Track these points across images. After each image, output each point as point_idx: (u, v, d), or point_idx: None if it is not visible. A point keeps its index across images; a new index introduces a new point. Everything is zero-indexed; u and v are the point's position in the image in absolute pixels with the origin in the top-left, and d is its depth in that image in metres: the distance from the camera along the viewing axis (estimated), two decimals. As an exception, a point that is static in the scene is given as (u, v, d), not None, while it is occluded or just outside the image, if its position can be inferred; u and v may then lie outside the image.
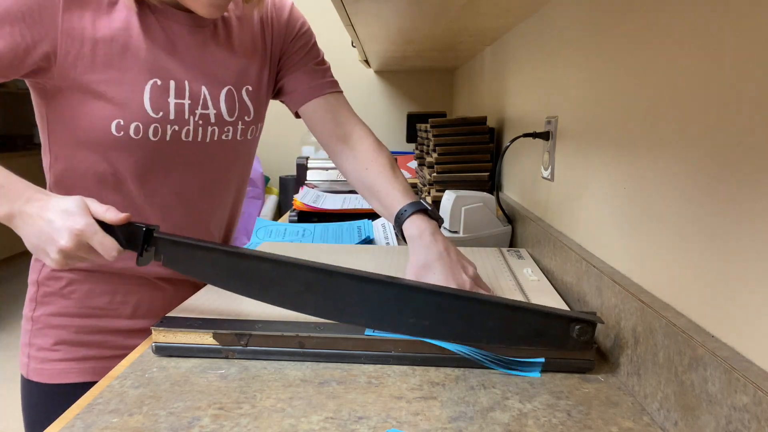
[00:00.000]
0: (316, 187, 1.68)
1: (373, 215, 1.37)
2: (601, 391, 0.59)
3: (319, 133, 0.90)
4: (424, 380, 0.61)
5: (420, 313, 0.62)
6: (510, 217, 1.24)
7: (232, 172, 0.88)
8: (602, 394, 0.59)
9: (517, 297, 0.78)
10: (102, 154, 0.76)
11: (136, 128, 0.74)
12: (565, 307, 0.75)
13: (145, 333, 0.84)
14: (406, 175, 2.25)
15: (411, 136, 2.42)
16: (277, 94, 0.93)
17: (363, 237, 1.20)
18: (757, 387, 0.40)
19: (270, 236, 1.24)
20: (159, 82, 0.75)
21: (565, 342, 0.61)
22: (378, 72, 2.75)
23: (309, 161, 1.88)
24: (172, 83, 0.76)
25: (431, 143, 1.43)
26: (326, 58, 0.97)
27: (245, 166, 0.91)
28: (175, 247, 0.67)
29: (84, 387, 0.71)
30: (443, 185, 1.38)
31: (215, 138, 0.81)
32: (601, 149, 0.77)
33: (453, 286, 0.70)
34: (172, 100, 0.76)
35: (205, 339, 0.66)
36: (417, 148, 1.86)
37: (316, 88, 0.90)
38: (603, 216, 0.76)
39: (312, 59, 0.91)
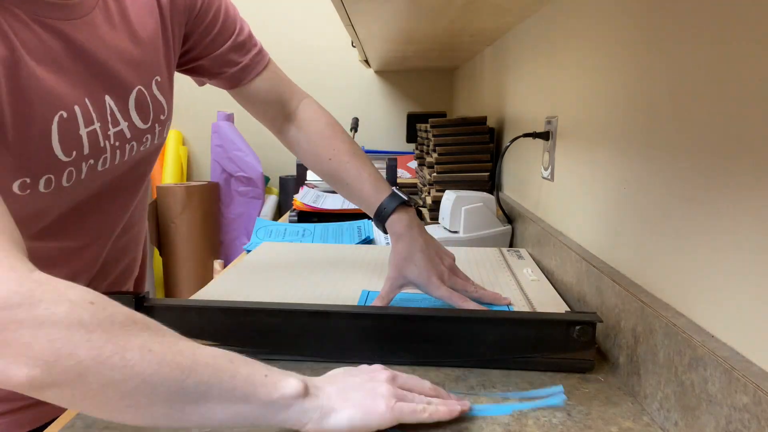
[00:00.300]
0: (316, 187, 1.68)
1: (373, 215, 1.37)
2: (601, 391, 0.59)
3: (260, 113, 0.81)
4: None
5: (420, 338, 0.63)
6: (510, 217, 1.24)
7: (145, 179, 0.75)
8: (602, 394, 0.59)
9: (517, 297, 0.78)
10: None
11: (47, 181, 0.56)
12: (565, 307, 0.75)
13: None
14: (406, 175, 2.25)
15: (411, 136, 2.42)
16: (192, 72, 0.78)
17: (363, 237, 1.20)
18: (757, 387, 0.40)
19: (270, 236, 1.23)
20: (65, 114, 0.56)
21: (566, 345, 0.62)
22: (378, 72, 2.75)
23: (309, 161, 1.87)
24: (76, 108, 0.57)
25: (431, 143, 1.43)
26: (326, 58, 0.95)
27: (151, 169, 0.76)
28: (168, 312, 0.66)
29: None
30: (443, 185, 1.38)
31: (133, 153, 0.66)
32: (601, 149, 0.77)
33: (433, 277, 0.71)
34: (83, 132, 0.58)
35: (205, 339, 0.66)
36: (417, 148, 1.86)
37: (246, 68, 0.77)
38: (603, 216, 0.76)
39: (230, 33, 0.75)
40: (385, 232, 0.76)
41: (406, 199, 0.75)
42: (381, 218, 0.75)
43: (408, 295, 0.78)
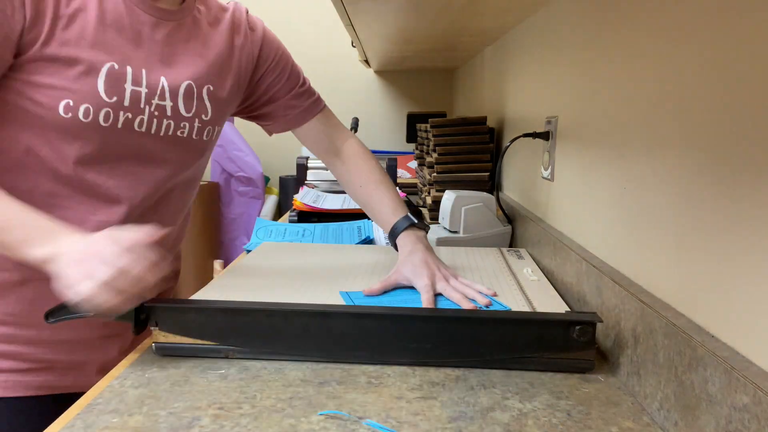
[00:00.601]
0: (316, 187, 1.68)
1: (373, 215, 1.37)
2: (601, 391, 0.59)
3: (313, 149, 0.98)
4: (424, 380, 0.61)
5: (420, 338, 0.63)
6: (510, 217, 1.24)
7: (182, 175, 0.82)
8: (602, 394, 0.59)
9: (517, 297, 0.78)
10: (44, 137, 0.69)
11: (86, 111, 0.68)
12: (565, 307, 0.75)
13: (66, 346, 0.77)
14: (406, 175, 2.25)
15: (411, 136, 2.42)
16: (260, 118, 0.94)
17: (363, 237, 1.20)
18: (757, 387, 0.40)
19: (270, 236, 1.23)
20: (116, 66, 0.70)
21: (566, 345, 0.62)
22: (378, 72, 2.75)
23: (309, 161, 1.88)
24: (128, 69, 0.71)
25: (431, 143, 1.43)
26: (326, 58, 0.99)
27: (196, 172, 0.87)
28: (168, 312, 0.66)
29: None
30: (443, 185, 1.38)
31: (170, 132, 0.77)
32: (601, 149, 0.77)
33: (424, 270, 0.80)
34: (128, 87, 0.71)
35: (205, 338, 0.66)
36: (417, 148, 1.86)
37: (306, 111, 0.94)
38: (603, 216, 0.76)
39: (295, 83, 0.92)
40: (397, 248, 0.86)
41: (417, 221, 0.88)
42: (393, 235, 0.88)
43: (403, 295, 0.78)
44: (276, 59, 0.89)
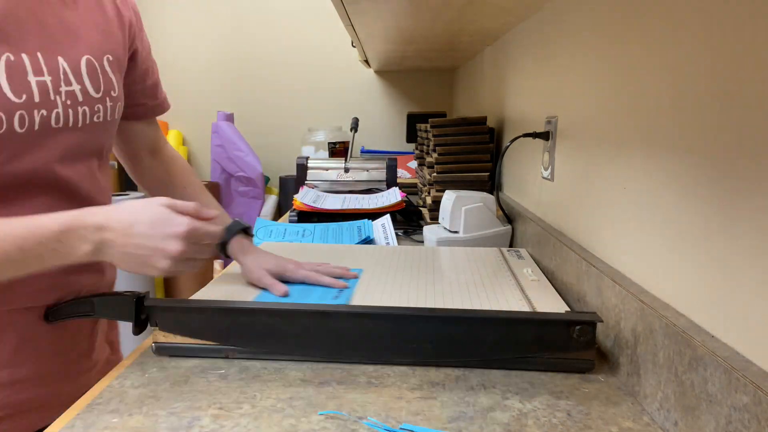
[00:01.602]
0: (316, 187, 1.68)
1: (373, 215, 1.37)
2: (601, 391, 0.59)
3: (134, 144, 0.89)
4: (424, 380, 0.61)
5: (420, 338, 0.63)
6: (510, 217, 1.24)
7: (105, 161, 0.77)
8: (602, 394, 0.59)
9: (517, 297, 0.78)
10: None
11: None
12: (565, 307, 0.75)
13: (32, 382, 0.68)
14: (406, 175, 2.25)
15: (411, 136, 2.42)
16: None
17: (363, 237, 1.20)
18: (757, 387, 0.40)
19: (270, 236, 1.23)
20: (11, 57, 0.59)
21: (566, 345, 0.62)
22: (378, 72, 2.75)
23: (309, 161, 1.88)
24: (24, 57, 0.61)
25: (431, 143, 1.43)
26: (326, 58, 0.98)
27: (109, 151, 0.80)
28: (168, 313, 0.66)
29: None
30: (443, 185, 1.38)
31: (87, 120, 0.68)
32: (601, 149, 0.77)
33: (289, 265, 0.81)
34: (32, 79, 0.61)
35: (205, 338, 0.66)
36: (417, 148, 1.86)
37: (158, 107, 0.89)
38: (603, 216, 0.76)
39: (155, 72, 0.88)
40: (227, 256, 0.81)
41: (245, 227, 0.83)
42: (220, 244, 0.79)
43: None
44: (141, 33, 0.82)
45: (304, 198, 1.46)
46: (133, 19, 0.79)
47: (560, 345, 0.62)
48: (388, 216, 1.30)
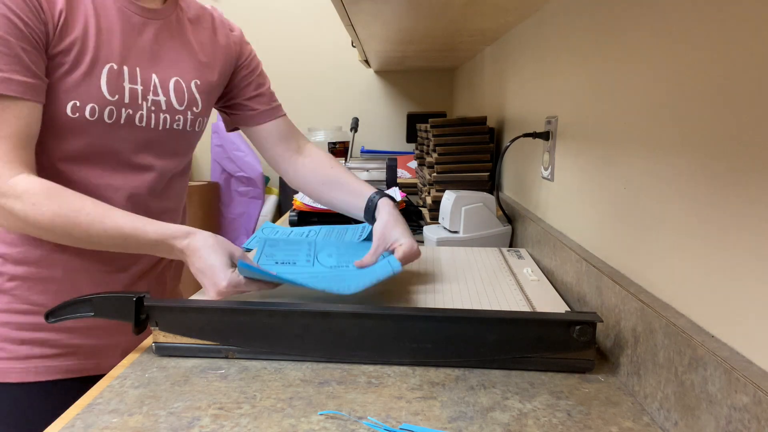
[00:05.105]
0: (316, 187, 1.68)
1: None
2: (601, 391, 0.59)
3: (272, 148, 1.01)
4: (424, 380, 0.61)
5: (420, 338, 0.63)
6: (510, 217, 1.24)
7: (179, 162, 0.91)
8: (602, 394, 0.59)
9: (518, 297, 0.78)
10: (54, 135, 0.75)
11: (92, 110, 0.75)
12: (565, 307, 0.75)
13: (91, 332, 0.84)
14: (406, 175, 2.25)
15: (411, 136, 2.42)
16: (231, 108, 0.99)
17: (366, 237, 1.20)
18: (757, 387, 0.40)
19: (276, 236, 1.24)
20: (115, 67, 0.77)
21: (566, 345, 0.62)
22: (378, 72, 2.75)
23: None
24: (125, 68, 0.78)
25: (431, 143, 1.43)
26: (326, 58, 0.99)
27: (188, 157, 0.95)
28: (167, 312, 0.67)
29: (24, 387, 0.80)
30: (443, 185, 1.38)
31: (167, 126, 0.84)
32: (601, 149, 0.77)
33: (414, 239, 0.83)
34: (126, 85, 0.78)
35: (205, 339, 0.66)
36: (417, 148, 1.86)
37: (274, 110, 1.00)
38: (603, 216, 0.76)
39: (264, 82, 1.00)
40: (372, 216, 0.89)
41: (390, 195, 0.91)
42: (371, 203, 0.91)
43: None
44: (250, 57, 0.97)
45: (304, 198, 1.46)
46: (237, 53, 0.95)
47: (560, 345, 0.62)
48: (388, 216, 1.30)
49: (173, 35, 0.85)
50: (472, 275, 0.88)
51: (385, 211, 0.87)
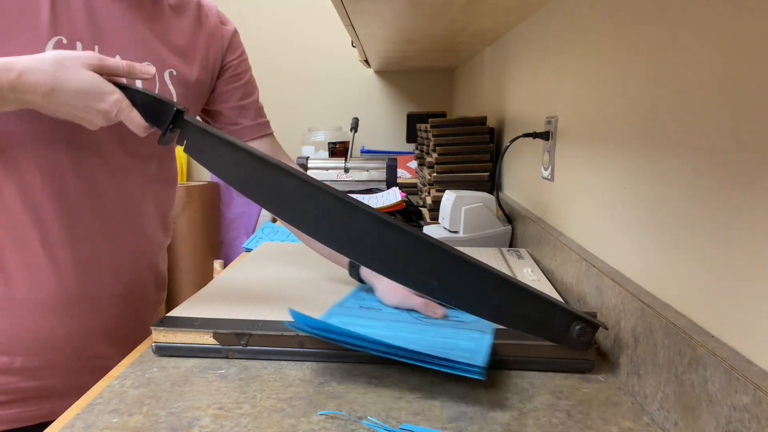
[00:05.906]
0: (316, 187, 1.68)
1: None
2: (601, 391, 0.59)
3: None
4: (424, 380, 0.61)
5: (431, 271, 0.59)
6: (510, 217, 1.24)
7: (150, 164, 0.80)
8: (602, 394, 0.59)
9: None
10: None
11: None
12: (565, 307, 0.75)
13: (43, 372, 0.73)
14: (406, 175, 2.25)
15: (411, 136, 2.42)
16: (209, 114, 0.88)
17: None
18: (757, 387, 0.40)
19: (276, 236, 1.25)
20: (64, 41, 0.66)
21: (562, 337, 0.59)
22: (378, 72, 2.75)
23: (309, 161, 1.88)
24: (79, 45, 0.68)
25: (431, 143, 1.43)
26: (326, 58, 0.97)
27: (163, 157, 0.82)
28: (201, 136, 0.64)
29: None
30: (443, 185, 1.38)
31: None
32: (601, 149, 0.77)
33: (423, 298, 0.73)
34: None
35: (205, 339, 0.66)
36: (417, 148, 1.86)
37: (259, 127, 0.89)
38: (603, 216, 0.76)
39: (252, 93, 0.89)
40: (359, 278, 0.82)
41: None
42: (354, 265, 0.82)
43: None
44: (240, 60, 0.87)
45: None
46: (224, 47, 0.85)
47: (557, 336, 0.59)
48: (388, 216, 1.30)
49: (149, 19, 0.75)
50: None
51: (379, 278, 0.77)
